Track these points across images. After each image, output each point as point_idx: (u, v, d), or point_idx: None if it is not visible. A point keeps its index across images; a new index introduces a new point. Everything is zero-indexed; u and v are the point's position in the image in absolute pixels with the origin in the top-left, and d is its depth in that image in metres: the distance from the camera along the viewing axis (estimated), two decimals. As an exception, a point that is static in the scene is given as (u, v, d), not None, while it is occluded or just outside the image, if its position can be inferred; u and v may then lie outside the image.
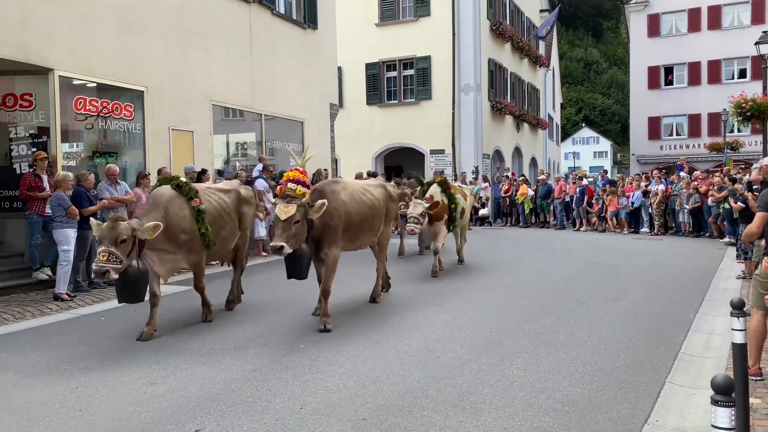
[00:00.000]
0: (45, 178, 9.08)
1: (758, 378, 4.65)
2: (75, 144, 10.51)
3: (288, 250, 5.97)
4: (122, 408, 4.38)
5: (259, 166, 13.35)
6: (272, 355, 5.61)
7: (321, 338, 6.15)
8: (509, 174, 22.36)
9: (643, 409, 4.30)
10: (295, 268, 6.49)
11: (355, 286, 8.60)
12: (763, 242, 4.81)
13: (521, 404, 4.37)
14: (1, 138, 9.92)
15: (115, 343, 6.16)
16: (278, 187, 6.44)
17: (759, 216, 4.66)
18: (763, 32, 16.48)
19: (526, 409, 4.29)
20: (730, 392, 2.55)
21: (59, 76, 9.64)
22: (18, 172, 9.65)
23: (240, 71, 13.83)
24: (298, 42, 15.93)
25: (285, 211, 5.97)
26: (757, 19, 31.18)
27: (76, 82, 10.14)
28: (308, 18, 16.19)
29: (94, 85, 10.48)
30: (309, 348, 5.80)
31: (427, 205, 9.48)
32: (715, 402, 2.55)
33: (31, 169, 9.26)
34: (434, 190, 10.10)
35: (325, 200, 6.21)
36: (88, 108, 10.29)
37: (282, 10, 15.36)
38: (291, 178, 6.29)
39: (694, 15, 33.21)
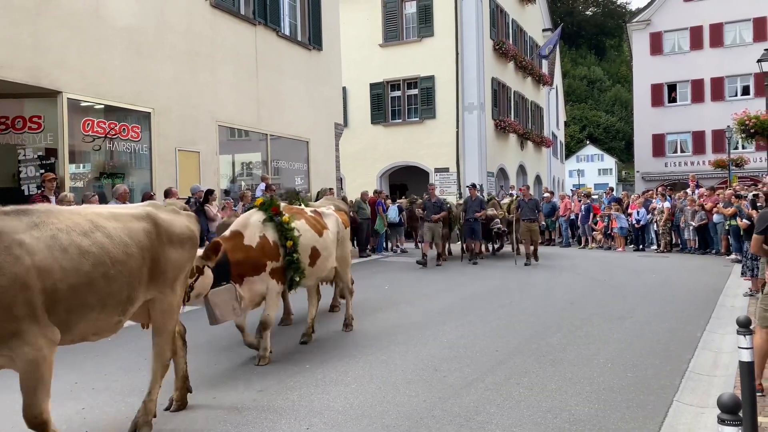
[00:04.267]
0: (53, 199, 9.15)
1: (759, 394, 4.63)
2: (82, 165, 10.62)
3: None
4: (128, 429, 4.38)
5: (262, 186, 13.41)
6: (278, 375, 5.60)
7: (327, 358, 6.15)
8: (513, 192, 22.37)
9: (651, 429, 4.28)
10: None
11: (365, 300, 8.59)
12: (763, 266, 4.85)
13: (528, 424, 4.35)
14: (9, 160, 10.03)
15: (122, 364, 6.17)
16: None
17: (754, 238, 4.74)
18: (765, 50, 16.61)
19: (533, 428, 4.27)
20: (737, 411, 2.55)
21: (68, 98, 9.78)
22: (26, 193, 9.74)
23: (246, 92, 13.98)
24: (303, 63, 16.10)
25: None
26: (759, 36, 31.35)
27: (84, 104, 10.27)
28: (313, 39, 16.39)
29: (102, 106, 10.61)
30: (315, 368, 5.80)
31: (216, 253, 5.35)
32: (721, 421, 2.55)
33: (39, 191, 9.35)
34: (246, 222, 6.09)
35: None
36: (95, 129, 10.41)
37: (287, 32, 15.55)
38: None
39: (696, 33, 33.41)
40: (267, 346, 6.04)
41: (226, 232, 6.06)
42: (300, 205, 7.23)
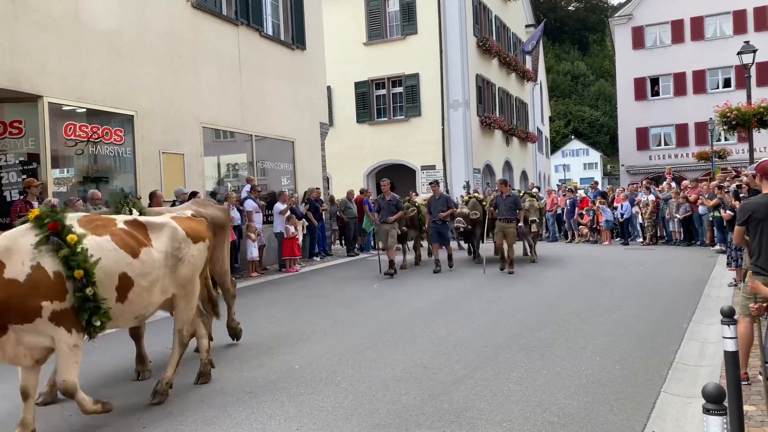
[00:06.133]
0: (36, 205, 9.04)
1: (744, 383, 4.68)
2: (66, 170, 10.51)
3: None
4: (117, 435, 4.35)
5: (247, 187, 13.37)
6: (267, 376, 5.58)
7: (316, 358, 6.14)
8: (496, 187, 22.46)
9: (639, 420, 4.31)
10: None
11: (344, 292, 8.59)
12: (746, 256, 4.89)
13: (518, 419, 4.37)
14: (-10, 166, 9.90)
15: (108, 369, 6.12)
16: None
17: (736, 230, 4.80)
18: (744, 42, 16.79)
19: (522, 423, 4.29)
20: (721, 400, 2.57)
21: (48, 102, 9.67)
22: (9, 199, 9.63)
23: (230, 93, 13.90)
24: (287, 63, 16.04)
25: None
26: (738, 29, 31.72)
27: (65, 108, 10.16)
28: (296, 39, 16.33)
29: (84, 110, 10.50)
30: (304, 369, 5.79)
31: None
32: (707, 410, 2.57)
33: (22, 196, 9.24)
34: (11, 246, 4.10)
35: None
36: (78, 134, 10.29)
37: (270, 32, 15.48)
38: None
39: (677, 27, 33.75)
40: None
41: None
42: (129, 211, 5.43)
